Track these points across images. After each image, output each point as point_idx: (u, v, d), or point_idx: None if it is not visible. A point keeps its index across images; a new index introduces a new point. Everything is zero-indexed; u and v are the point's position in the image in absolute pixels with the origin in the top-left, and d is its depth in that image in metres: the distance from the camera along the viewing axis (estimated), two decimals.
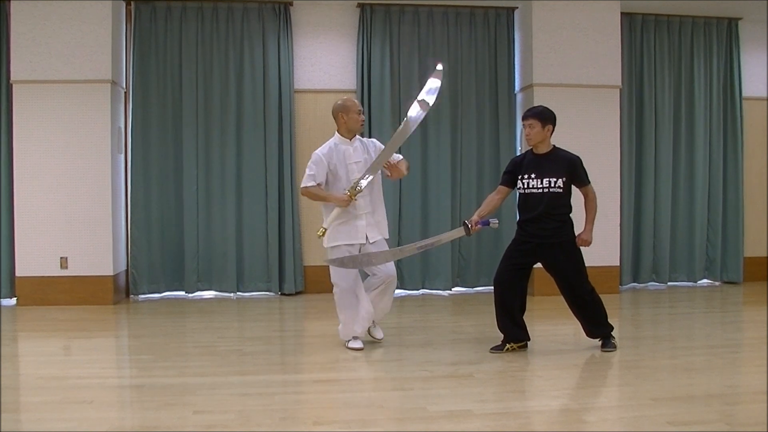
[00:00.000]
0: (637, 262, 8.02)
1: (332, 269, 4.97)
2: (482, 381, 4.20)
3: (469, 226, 4.86)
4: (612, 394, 4.07)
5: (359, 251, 4.95)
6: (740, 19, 8.15)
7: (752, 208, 8.34)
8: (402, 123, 5.10)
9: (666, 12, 7.93)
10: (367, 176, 4.87)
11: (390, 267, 5.02)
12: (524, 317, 4.99)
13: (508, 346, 4.89)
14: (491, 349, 4.91)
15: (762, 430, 3.31)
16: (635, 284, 8.03)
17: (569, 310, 5.02)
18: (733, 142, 8.18)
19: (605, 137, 7.45)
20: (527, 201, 4.85)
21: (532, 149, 4.91)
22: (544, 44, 7.37)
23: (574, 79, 7.37)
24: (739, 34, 8.16)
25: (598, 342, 4.97)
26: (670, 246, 8.03)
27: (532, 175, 4.80)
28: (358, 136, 5.10)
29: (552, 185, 4.75)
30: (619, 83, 7.53)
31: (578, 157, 4.87)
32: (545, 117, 4.82)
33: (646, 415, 3.55)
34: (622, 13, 7.62)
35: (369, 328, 5.13)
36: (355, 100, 5.12)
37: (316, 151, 5.02)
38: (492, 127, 7.77)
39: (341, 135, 5.03)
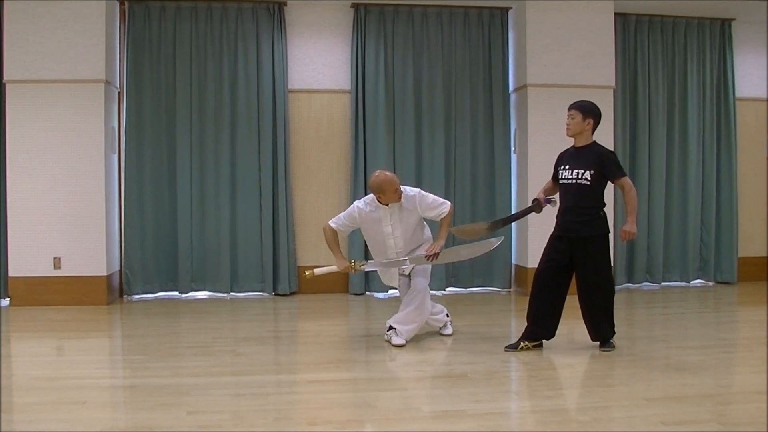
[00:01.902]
0: (632, 262, 8.04)
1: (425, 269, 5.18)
2: (476, 381, 4.20)
3: (540, 203, 5.06)
4: (606, 394, 4.08)
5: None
6: (733, 19, 8.19)
7: (746, 209, 8.38)
8: (467, 246, 5.45)
9: (659, 12, 7.96)
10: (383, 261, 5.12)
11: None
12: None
13: (522, 344, 4.90)
14: (506, 347, 4.93)
15: (756, 429, 3.33)
16: (629, 284, 8.04)
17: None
18: (726, 142, 8.20)
19: (599, 138, 7.37)
20: (562, 193, 4.95)
21: (574, 142, 4.96)
22: (538, 44, 7.38)
23: (568, 79, 7.38)
24: (732, 35, 8.19)
25: (595, 343, 4.98)
26: (663, 246, 8.05)
27: (566, 167, 4.89)
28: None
29: (580, 176, 4.78)
30: (613, 83, 7.55)
31: (611, 152, 4.92)
32: (587, 110, 4.88)
33: (640, 415, 3.56)
34: (615, 14, 7.64)
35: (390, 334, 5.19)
36: (390, 177, 4.99)
37: (357, 203, 5.16)
38: (486, 128, 7.77)
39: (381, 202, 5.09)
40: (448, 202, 5.21)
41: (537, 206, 5.09)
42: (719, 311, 6.95)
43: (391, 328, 5.14)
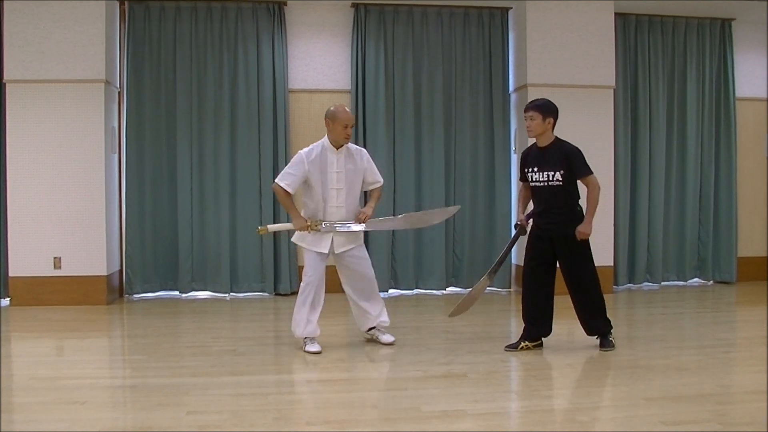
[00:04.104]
0: (633, 262, 8.04)
1: (306, 260, 5.00)
2: (476, 381, 4.20)
3: (523, 226, 5.02)
4: (605, 394, 4.08)
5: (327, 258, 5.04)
6: (733, 19, 8.18)
7: (745, 209, 8.38)
8: (403, 215, 5.42)
9: (659, 12, 7.96)
10: (337, 226, 4.94)
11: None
12: (519, 316, 4.99)
13: (522, 344, 4.92)
14: (506, 347, 4.94)
15: (755, 429, 3.33)
16: (630, 285, 8.04)
17: (562, 310, 5.02)
18: (726, 142, 8.21)
19: (599, 138, 7.46)
20: (534, 194, 4.95)
21: (536, 142, 4.95)
22: (538, 44, 7.38)
23: (568, 79, 7.38)
24: (732, 35, 8.19)
25: (595, 341, 4.98)
26: (663, 246, 8.05)
27: (535, 168, 4.87)
28: (347, 145, 5.02)
29: (551, 178, 4.78)
30: (613, 83, 7.55)
31: (576, 149, 4.83)
32: (546, 110, 4.84)
33: (639, 414, 3.56)
34: (615, 14, 7.64)
35: (376, 334, 5.19)
36: (349, 113, 4.92)
37: (301, 151, 5.00)
38: (486, 128, 7.77)
39: (330, 141, 4.98)
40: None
41: (521, 230, 5.04)
42: (719, 311, 6.95)
43: (371, 328, 5.18)
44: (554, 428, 3.44)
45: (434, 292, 7.70)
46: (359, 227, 5.01)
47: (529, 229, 5.03)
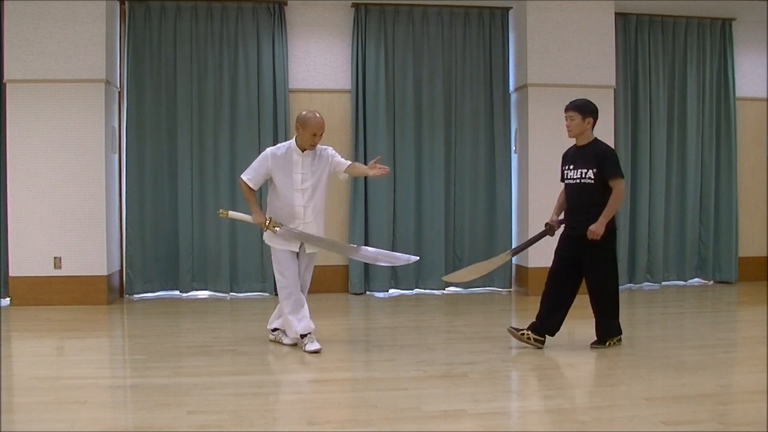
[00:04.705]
0: (633, 262, 8.04)
1: (275, 260, 5.04)
2: (476, 381, 4.20)
3: (552, 227, 5.04)
4: (606, 394, 4.08)
5: (298, 256, 5.04)
6: (734, 19, 8.18)
7: (745, 208, 8.38)
8: (351, 247, 5.54)
9: (660, 12, 7.96)
10: (294, 231, 4.95)
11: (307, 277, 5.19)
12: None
13: (525, 332, 4.94)
14: (510, 327, 5.04)
15: (755, 429, 3.32)
16: (631, 285, 8.04)
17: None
18: (726, 142, 8.21)
19: (600, 137, 7.42)
20: (567, 192, 5.00)
21: (575, 141, 4.98)
22: (539, 44, 7.38)
23: (568, 79, 7.38)
24: (732, 35, 8.19)
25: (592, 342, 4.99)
26: (663, 246, 8.05)
27: (570, 167, 4.92)
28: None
29: (583, 176, 4.81)
30: (614, 83, 7.55)
31: (610, 150, 4.91)
32: (585, 110, 4.88)
33: (640, 414, 3.56)
34: (616, 14, 7.65)
35: (280, 335, 5.20)
36: (320, 122, 4.88)
37: (268, 149, 5.08)
38: (486, 127, 7.77)
39: (296, 143, 4.99)
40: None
41: (549, 230, 5.08)
42: (719, 311, 6.95)
43: (276, 329, 5.22)
44: (554, 428, 3.45)
45: (434, 292, 7.70)
46: (317, 239, 5.03)
47: (559, 232, 5.06)
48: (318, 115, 4.92)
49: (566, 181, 4.98)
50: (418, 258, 5.68)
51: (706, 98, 8.15)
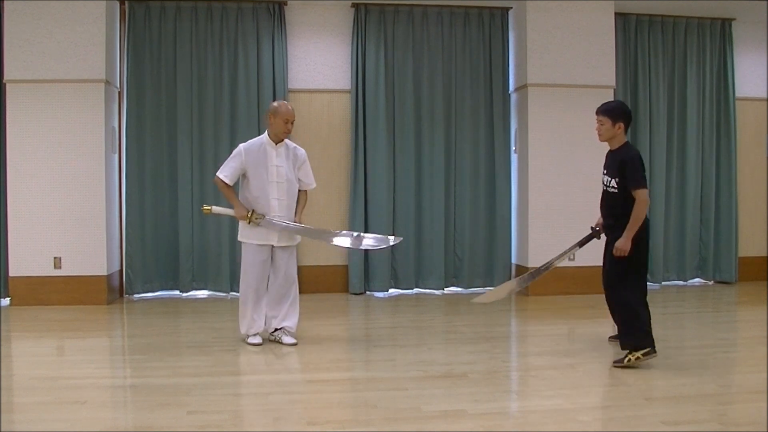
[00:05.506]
0: None
1: (244, 255, 5.20)
2: (476, 381, 4.20)
3: (598, 229, 4.90)
4: (606, 394, 4.08)
5: (271, 252, 5.15)
6: (734, 19, 8.19)
7: (745, 208, 8.38)
8: (331, 233, 5.49)
9: (660, 12, 7.96)
10: (278, 219, 5.05)
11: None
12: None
13: (629, 356, 4.51)
14: (614, 365, 4.56)
15: (755, 429, 3.33)
16: None
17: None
18: (726, 142, 8.21)
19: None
20: (602, 197, 4.81)
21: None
22: (539, 44, 7.38)
23: (568, 79, 7.39)
24: (732, 35, 8.19)
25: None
26: (663, 246, 8.05)
27: (604, 171, 4.76)
28: (286, 141, 5.18)
29: (608, 184, 4.66)
30: (613, 83, 7.55)
31: (633, 156, 4.54)
32: (616, 114, 4.63)
33: (640, 414, 3.56)
34: (616, 14, 7.65)
35: (280, 335, 5.23)
36: (290, 109, 5.07)
37: (241, 145, 5.16)
38: (486, 127, 7.77)
39: (269, 136, 5.10)
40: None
41: (595, 233, 4.93)
42: (719, 311, 6.95)
43: (276, 329, 5.24)
44: (555, 428, 3.44)
45: (434, 291, 7.70)
46: (298, 227, 5.12)
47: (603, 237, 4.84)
48: (287, 103, 5.10)
49: (603, 186, 4.76)
50: (402, 239, 5.89)
51: (705, 98, 8.15)
